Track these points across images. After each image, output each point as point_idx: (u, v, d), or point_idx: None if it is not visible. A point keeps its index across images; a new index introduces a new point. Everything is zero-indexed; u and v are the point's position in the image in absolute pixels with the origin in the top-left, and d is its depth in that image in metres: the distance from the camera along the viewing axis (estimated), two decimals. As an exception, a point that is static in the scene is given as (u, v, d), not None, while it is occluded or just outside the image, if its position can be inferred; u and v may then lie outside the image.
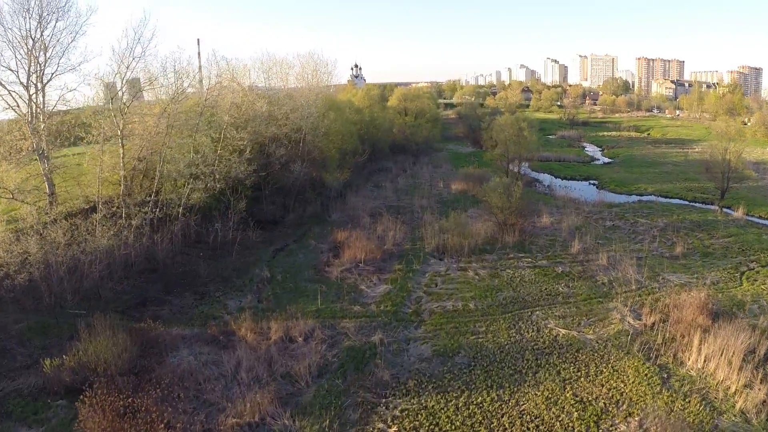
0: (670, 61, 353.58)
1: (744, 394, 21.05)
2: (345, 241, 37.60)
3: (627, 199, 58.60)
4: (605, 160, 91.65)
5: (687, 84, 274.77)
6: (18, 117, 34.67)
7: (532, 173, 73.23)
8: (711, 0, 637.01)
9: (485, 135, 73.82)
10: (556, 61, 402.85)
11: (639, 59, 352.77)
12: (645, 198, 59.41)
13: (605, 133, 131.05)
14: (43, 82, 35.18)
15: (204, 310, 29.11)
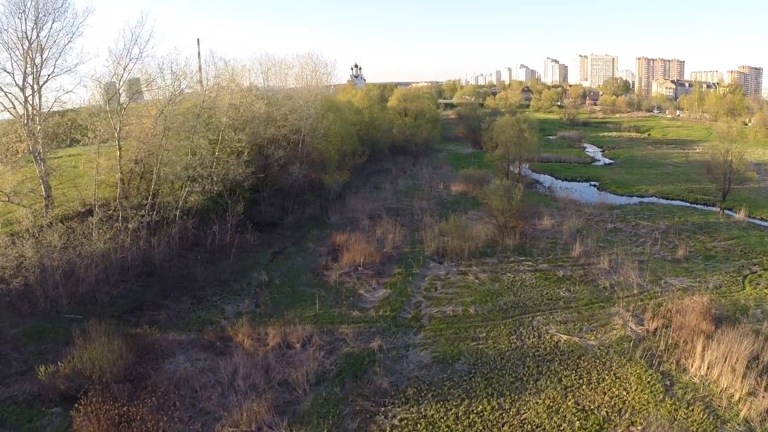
0: (670, 61, 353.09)
1: (748, 402, 20.76)
2: (344, 244, 37.28)
3: (628, 201, 58.31)
4: (606, 161, 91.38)
5: (687, 84, 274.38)
6: (14, 119, 34.41)
7: (532, 174, 72.93)
8: (711, 0, 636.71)
9: (485, 136, 73.48)
10: (556, 61, 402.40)
11: (639, 59, 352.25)
12: (646, 200, 59.14)
13: (606, 134, 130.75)
14: (40, 83, 34.92)
15: (201, 315, 28.80)
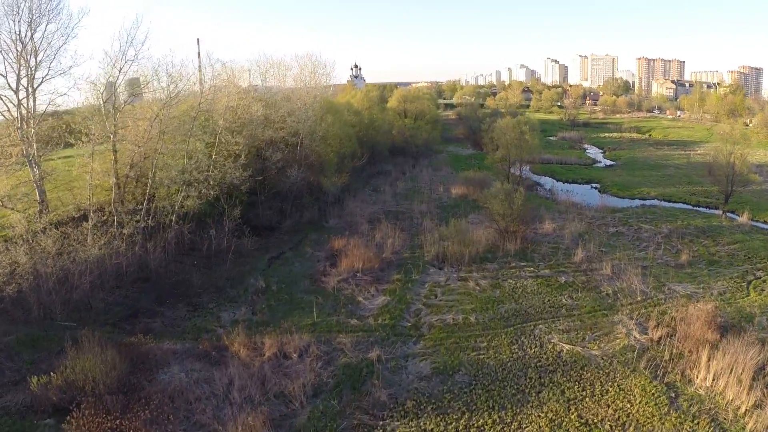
0: (670, 61, 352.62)
1: (754, 415, 20.25)
2: (342, 249, 36.72)
3: (630, 204, 57.81)
4: (607, 162, 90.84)
5: (687, 84, 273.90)
6: (7, 122, 33.87)
7: (533, 176, 72.46)
8: (711, 0, 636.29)
9: (486, 137, 72.99)
10: (556, 61, 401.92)
11: (639, 59, 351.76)
12: (648, 202, 58.64)
13: (606, 135, 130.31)
14: (34, 86, 34.41)
15: (197, 322, 28.27)
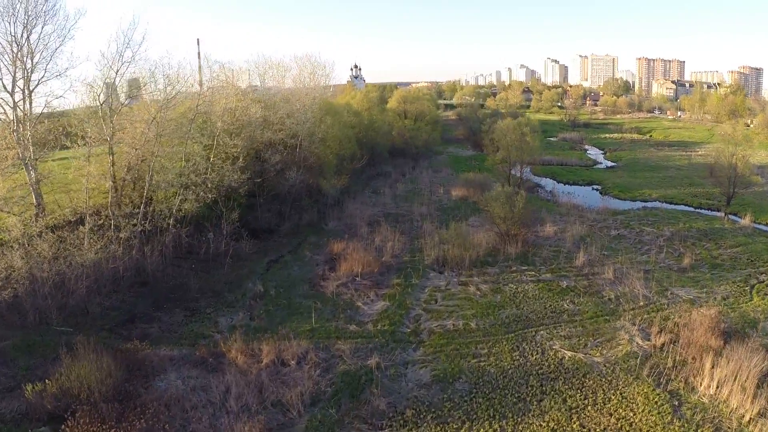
0: (670, 62, 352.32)
1: (759, 423, 19.99)
2: (341, 253, 36.37)
3: (632, 206, 57.42)
4: (608, 163, 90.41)
5: (688, 84, 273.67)
6: (3, 125, 33.55)
7: (534, 178, 72.07)
8: (711, 0, 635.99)
9: (486, 138, 72.65)
10: (556, 61, 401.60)
11: (639, 59, 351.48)
12: (650, 204, 58.25)
13: (607, 135, 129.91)
14: (30, 88, 34.11)
15: (194, 328, 27.94)
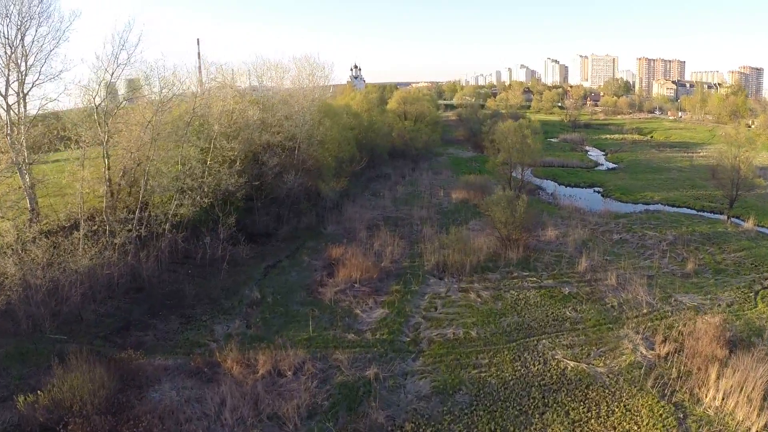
0: (671, 62, 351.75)
1: (767, 437, 19.46)
2: (340, 258, 35.84)
3: (634, 209, 56.86)
4: (609, 165, 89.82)
5: (688, 84, 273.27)
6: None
7: (535, 180, 71.50)
8: (711, 0, 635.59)
9: (486, 139, 72.19)
10: (556, 62, 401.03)
11: (640, 59, 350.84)
12: (652, 207, 57.65)
13: (608, 136, 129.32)
14: (24, 91, 33.62)
15: (189, 336, 27.44)
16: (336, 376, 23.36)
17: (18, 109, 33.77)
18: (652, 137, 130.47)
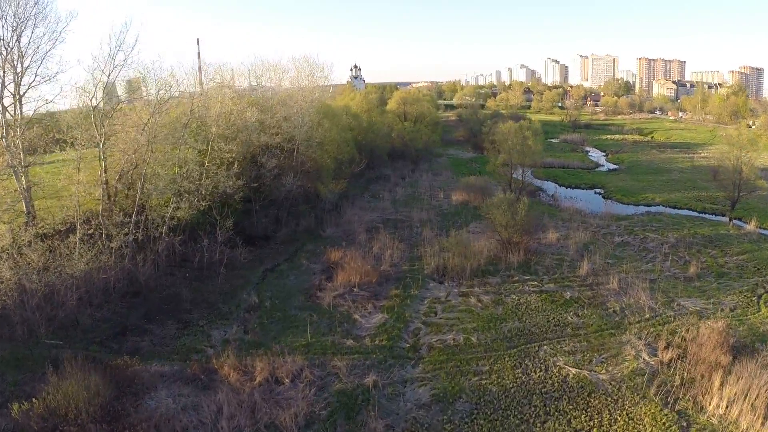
0: (671, 62, 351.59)
1: (771, 447, 19.13)
2: (339, 262, 35.48)
3: (635, 211, 56.50)
4: (610, 166, 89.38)
5: (688, 84, 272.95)
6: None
7: (535, 181, 71.13)
8: (711, 0, 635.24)
9: (487, 140, 71.86)
10: (556, 61, 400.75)
11: (640, 59, 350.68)
12: (653, 209, 57.29)
13: (608, 137, 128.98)
14: (20, 93, 33.29)
15: (186, 341, 27.10)
16: (334, 383, 23.01)
17: (15, 111, 33.48)
18: (652, 138, 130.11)
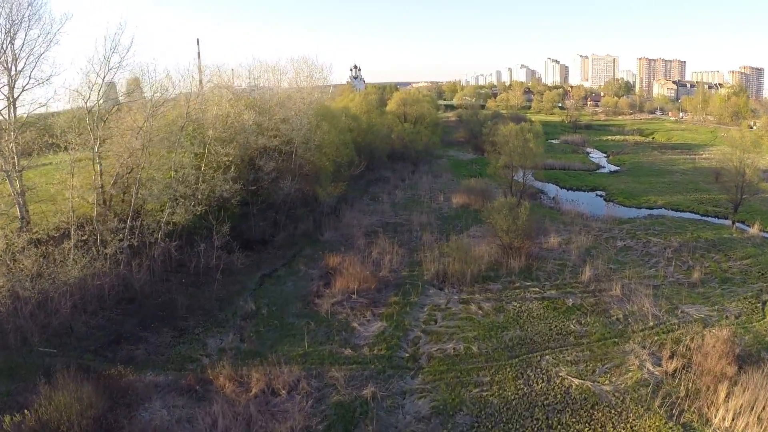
0: (671, 62, 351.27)
1: (780, 461, 18.62)
2: (337, 267, 34.93)
3: (637, 213, 56.00)
4: (611, 167, 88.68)
5: (689, 84, 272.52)
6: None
7: (536, 183, 70.58)
8: (711, 0, 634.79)
9: (487, 141, 71.29)
10: (556, 62, 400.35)
11: (640, 59, 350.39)
12: (655, 212, 56.80)
13: (609, 137, 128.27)
14: (14, 96, 32.74)
15: (181, 350, 26.58)
16: (332, 395, 22.48)
17: (8, 115, 32.94)
18: (653, 138, 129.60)
